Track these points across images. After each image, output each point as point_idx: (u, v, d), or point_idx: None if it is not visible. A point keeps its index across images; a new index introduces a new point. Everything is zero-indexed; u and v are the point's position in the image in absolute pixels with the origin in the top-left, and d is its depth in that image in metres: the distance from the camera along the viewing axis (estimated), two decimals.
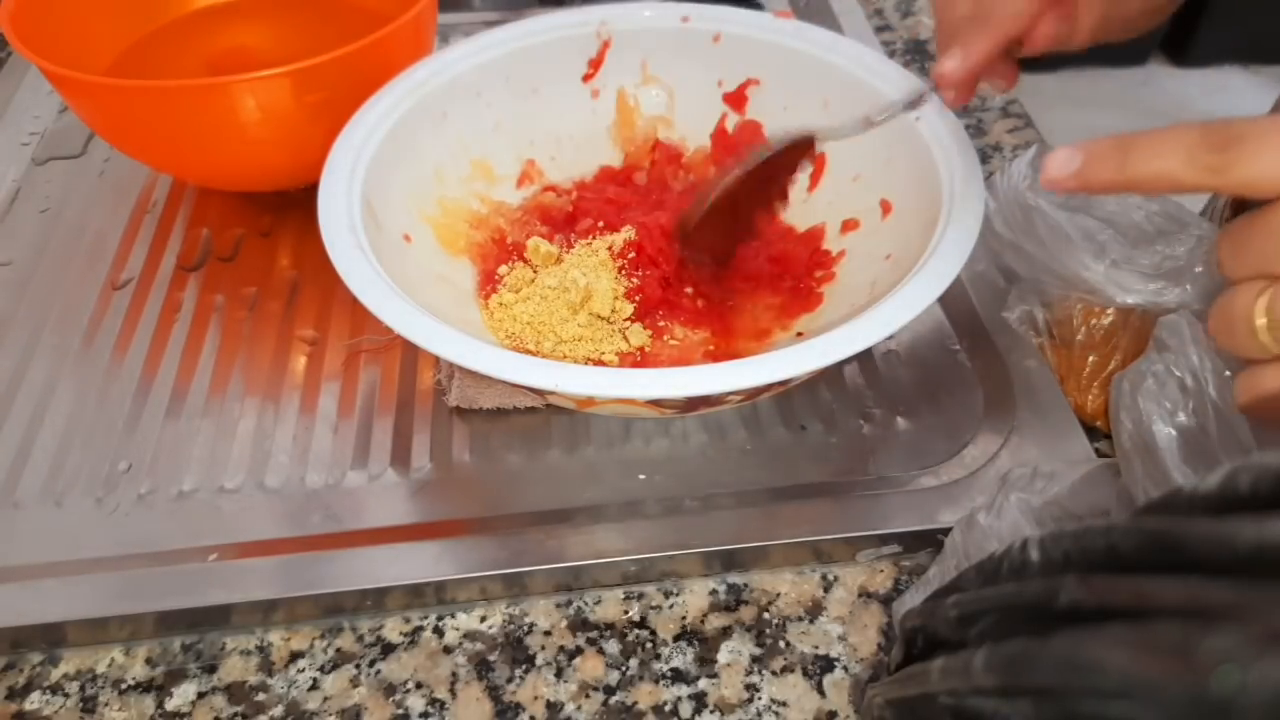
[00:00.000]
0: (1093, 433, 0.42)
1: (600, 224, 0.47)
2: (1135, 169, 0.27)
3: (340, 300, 0.48)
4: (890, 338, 0.33)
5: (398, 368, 0.44)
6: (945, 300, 0.43)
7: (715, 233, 0.44)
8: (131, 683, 0.36)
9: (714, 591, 0.38)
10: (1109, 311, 0.42)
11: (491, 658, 0.36)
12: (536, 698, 0.35)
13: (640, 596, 0.38)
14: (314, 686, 0.35)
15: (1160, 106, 1.78)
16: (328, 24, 0.58)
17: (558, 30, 0.49)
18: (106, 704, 0.35)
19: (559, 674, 0.36)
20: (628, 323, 0.43)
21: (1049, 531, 0.23)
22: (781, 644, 0.37)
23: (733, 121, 0.50)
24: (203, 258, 0.51)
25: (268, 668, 0.36)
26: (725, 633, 0.37)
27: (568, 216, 0.48)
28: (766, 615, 0.37)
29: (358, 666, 0.36)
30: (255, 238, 0.52)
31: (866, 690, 0.31)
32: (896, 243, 0.42)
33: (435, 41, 0.54)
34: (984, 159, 0.57)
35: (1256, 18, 1.75)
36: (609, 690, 0.35)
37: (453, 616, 0.37)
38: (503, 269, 0.45)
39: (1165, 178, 0.26)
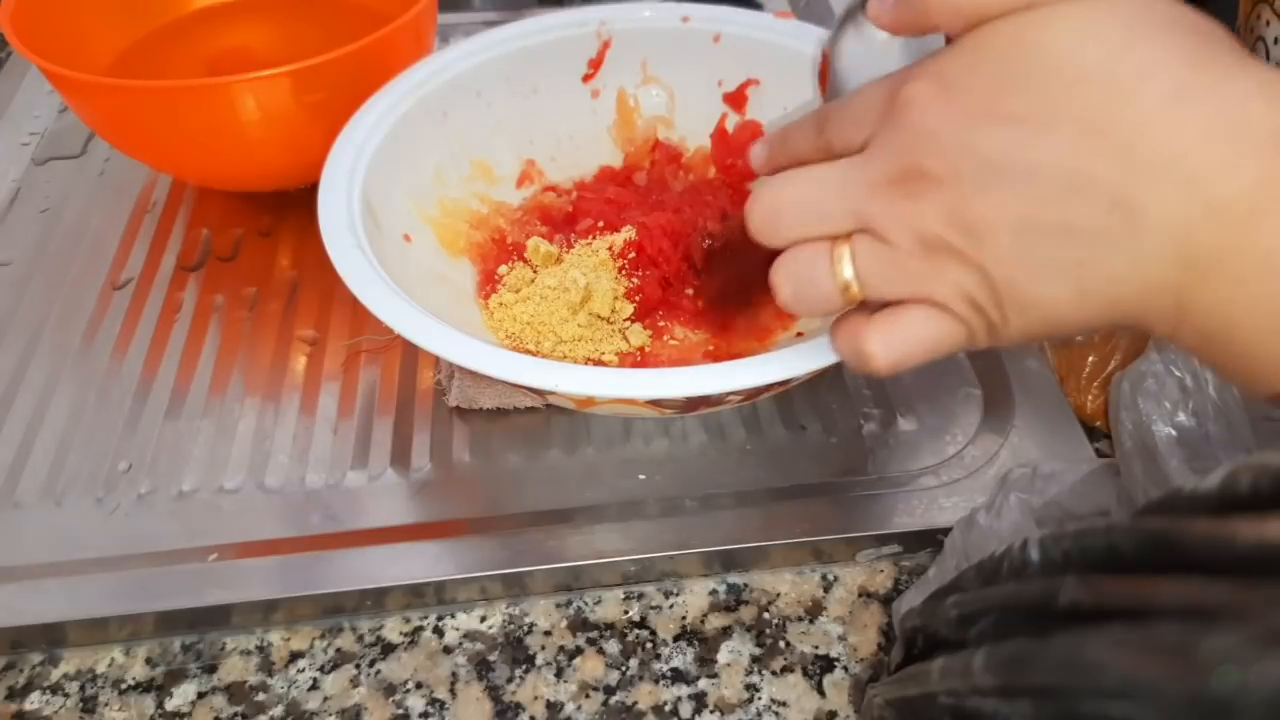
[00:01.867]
0: (1093, 433, 0.42)
1: (600, 224, 0.47)
2: (789, 150, 0.30)
3: (340, 300, 0.48)
4: None
5: (398, 368, 0.44)
6: None
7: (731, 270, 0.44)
8: (131, 683, 0.36)
9: (714, 591, 0.38)
10: None
11: (491, 658, 0.36)
12: (536, 698, 0.35)
13: (640, 596, 0.38)
14: (314, 686, 0.35)
15: None
16: (328, 24, 0.58)
17: (558, 30, 0.49)
18: (106, 704, 0.35)
19: (559, 674, 0.36)
20: (628, 323, 0.43)
21: (1049, 531, 0.23)
22: (781, 644, 0.37)
23: (733, 121, 0.50)
24: (203, 258, 0.51)
25: (268, 668, 0.36)
26: (725, 633, 0.37)
27: (568, 216, 0.48)
28: (766, 615, 0.37)
29: (358, 666, 0.36)
30: (255, 238, 0.52)
31: (866, 690, 0.31)
32: None
33: (435, 41, 0.54)
34: None
35: None
36: (609, 690, 0.35)
37: (453, 616, 0.37)
38: (503, 269, 0.45)
39: (805, 153, 0.29)
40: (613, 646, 0.37)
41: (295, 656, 0.36)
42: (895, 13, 0.27)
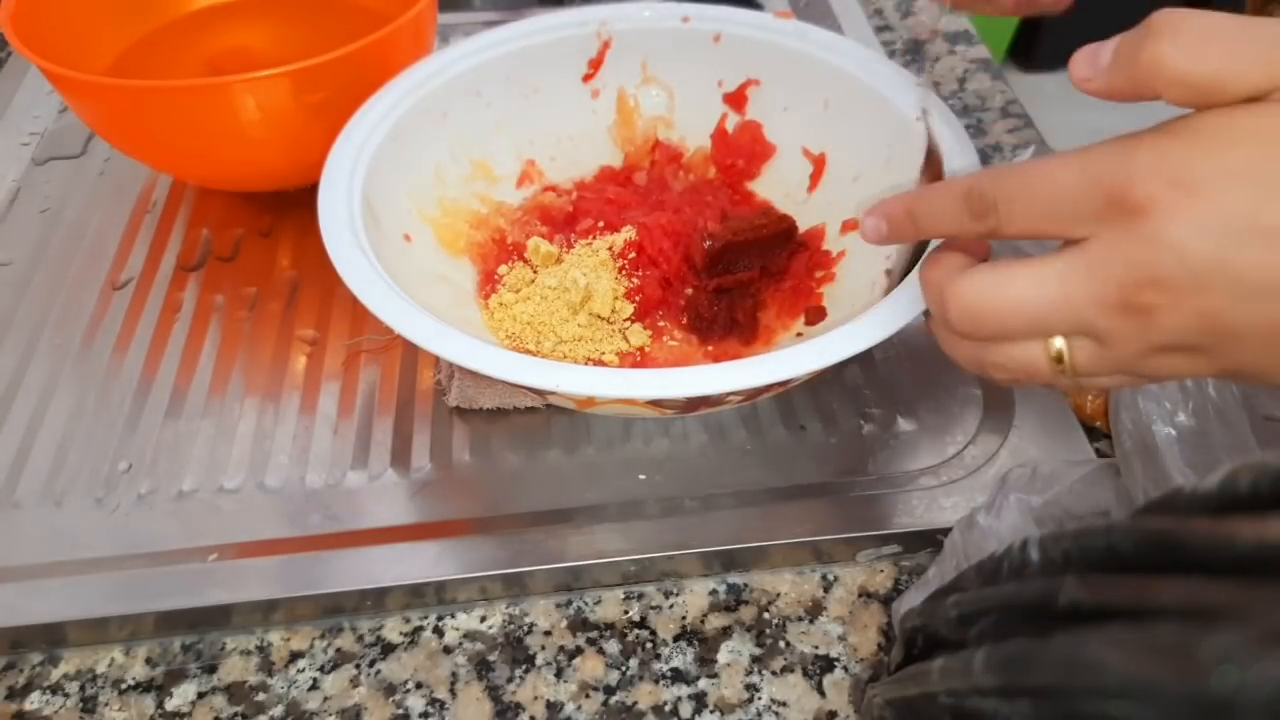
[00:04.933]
0: (1093, 433, 0.42)
1: (600, 224, 0.47)
2: (925, 230, 0.29)
3: (340, 300, 0.48)
4: (890, 338, 0.33)
5: (398, 368, 0.44)
6: None
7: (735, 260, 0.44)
8: (131, 683, 0.36)
9: (714, 591, 0.38)
10: None
11: (491, 658, 0.36)
12: (536, 698, 0.35)
13: (640, 596, 0.38)
14: (314, 686, 0.35)
15: (1159, 105, 1.77)
16: (328, 24, 0.58)
17: (558, 30, 0.49)
18: (106, 704, 0.35)
19: (559, 674, 0.36)
20: (628, 323, 0.43)
21: (1049, 531, 0.24)
22: (781, 644, 0.37)
23: (733, 121, 0.50)
24: (203, 258, 0.51)
25: (268, 668, 0.36)
26: (725, 633, 0.37)
27: (568, 216, 0.48)
28: (766, 615, 0.37)
29: (358, 666, 0.36)
30: (255, 238, 0.52)
31: (866, 690, 0.31)
32: None
33: (435, 41, 0.54)
34: (984, 159, 0.57)
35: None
36: (609, 690, 0.35)
37: (453, 616, 0.37)
38: (503, 269, 0.45)
39: (952, 235, 0.28)
40: (613, 646, 0.37)
41: (295, 656, 0.36)
42: (1108, 77, 0.24)
